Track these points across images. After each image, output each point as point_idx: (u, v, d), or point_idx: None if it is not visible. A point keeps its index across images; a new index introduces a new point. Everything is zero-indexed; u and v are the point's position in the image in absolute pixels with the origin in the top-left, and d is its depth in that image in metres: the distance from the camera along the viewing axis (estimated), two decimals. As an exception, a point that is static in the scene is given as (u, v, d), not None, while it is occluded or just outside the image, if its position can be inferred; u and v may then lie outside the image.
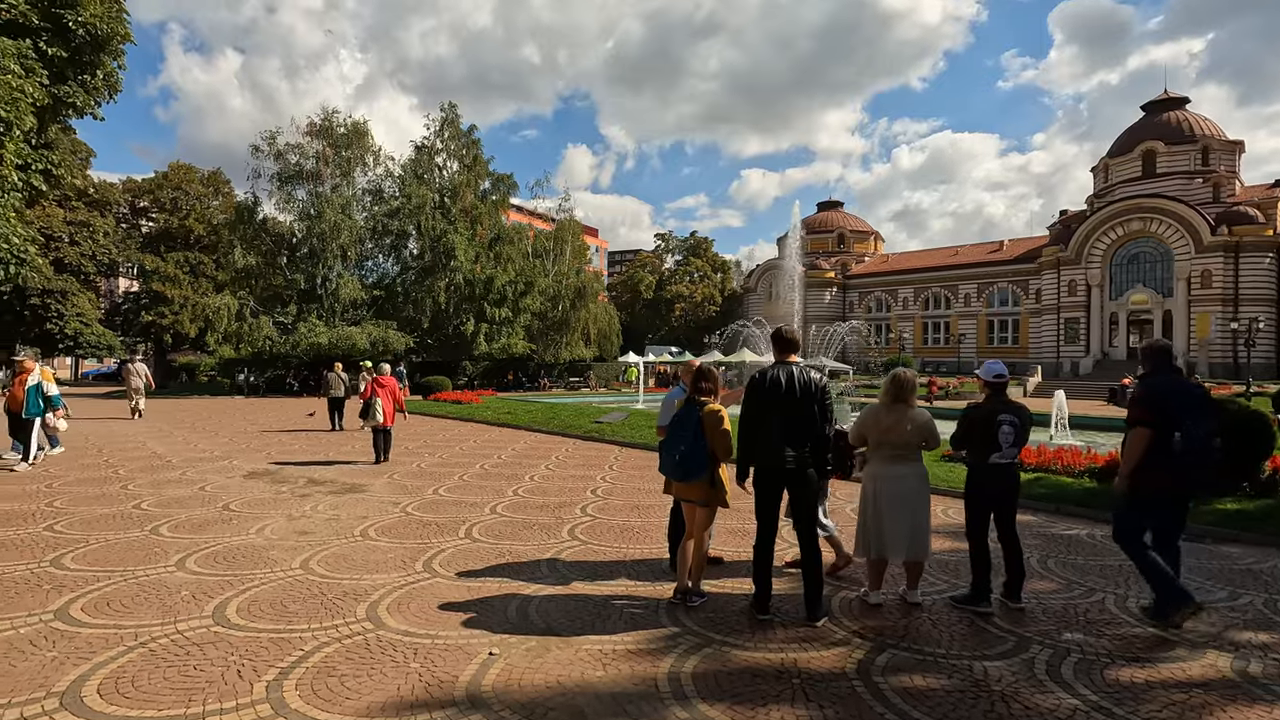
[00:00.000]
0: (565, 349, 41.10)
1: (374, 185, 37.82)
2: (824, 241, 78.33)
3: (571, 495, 8.87)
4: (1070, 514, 8.00)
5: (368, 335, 32.82)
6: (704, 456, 4.87)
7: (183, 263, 52.14)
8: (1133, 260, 52.50)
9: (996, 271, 63.11)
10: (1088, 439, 16.46)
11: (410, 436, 15.70)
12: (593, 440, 14.87)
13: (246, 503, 8.24)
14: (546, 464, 11.62)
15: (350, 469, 11.00)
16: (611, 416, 16.92)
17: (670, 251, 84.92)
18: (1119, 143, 56.71)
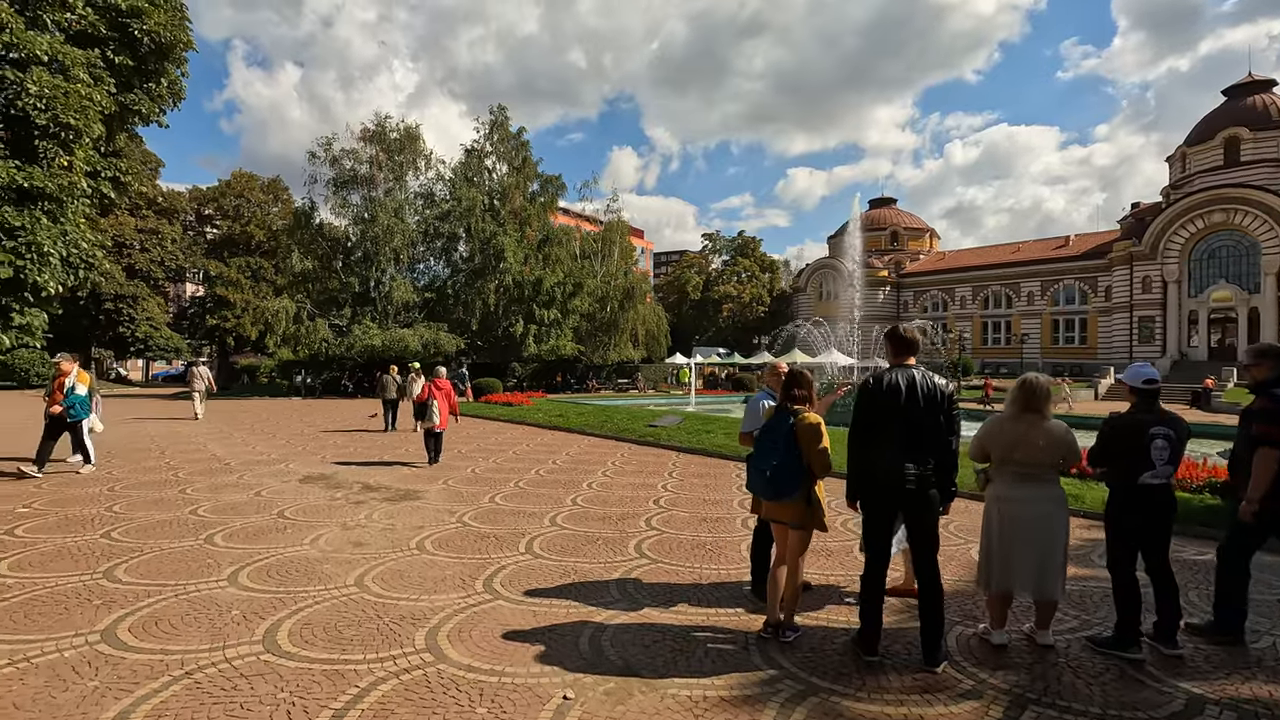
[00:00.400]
0: (613, 350, 40.79)
1: (425, 189, 38.27)
2: (877, 239, 76.21)
3: (633, 505, 8.38)
4: (1196, 535, 7.10)
5: (419, 337, 33.10)
6: (799, 472, 4.30)
7: (244, 267, 53.90)
8: (1214, 254, 49.31)
9: (1062, 268, 60.21)
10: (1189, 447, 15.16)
11: (463, 439, 15.49)
12: (648, 445, 14.37)
13: (301, 509, 8.01)
14: (603, 470, 11.17)
15: (405, 473, 10.76)
16: (666, 420, 16.40)
17: (717, 252, 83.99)
18: (1198, 130, 53.37)
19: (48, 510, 7.84)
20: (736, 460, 12.24)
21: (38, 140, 13.27)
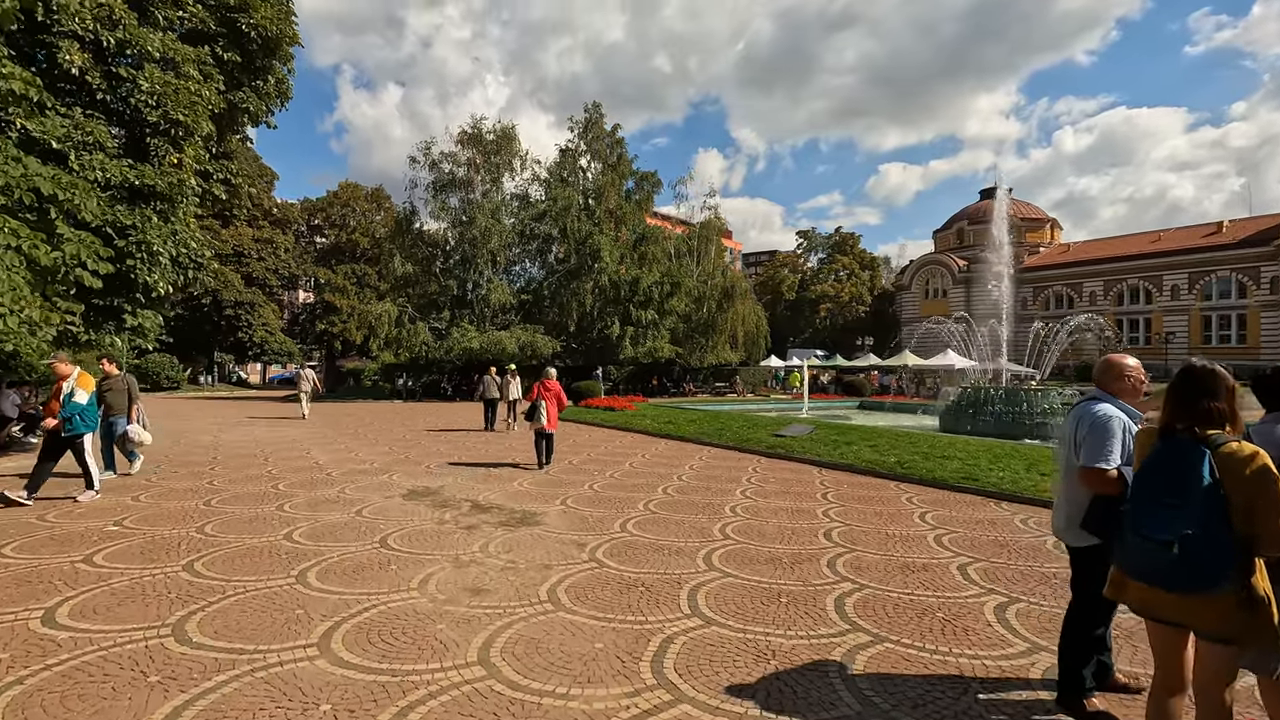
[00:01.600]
0: (710, 353, 39.05)
1: (521, 190, 37.94)
2: (988, 232, 70.57)
3: (801, 541, 6.68)
4: None
5: (516, 339, 32.59)
6: (1226, 548, 2.50)
7: (350, 274, 55.87)
8: None
9: (1215, 258, 53.40)
10: None
11: (570, 448, 14.23)
12: (780, 458, 12.60)
13: (407, 536, 6.81)
14: (740, 490, 9.51)
15: (517, 488, 9.50)
16: (794, 430, 14.54)
17: (813, 249, 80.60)
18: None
19: (138, 529, 7.01)
20: (894, 479, 10.29)
21: (149, 138, 12.99)
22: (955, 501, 8.79)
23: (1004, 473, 9.76)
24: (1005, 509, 8.36)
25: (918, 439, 12.89)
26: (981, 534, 7.05)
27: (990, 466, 10.20)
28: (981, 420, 17.05)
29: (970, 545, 6.59)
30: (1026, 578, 5.58)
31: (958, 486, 9.52)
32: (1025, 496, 8.71)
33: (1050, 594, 5.18)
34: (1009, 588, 5.32)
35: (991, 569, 5.81)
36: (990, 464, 10.36)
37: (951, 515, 7.95)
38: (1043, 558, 6.17)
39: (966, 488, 9.42)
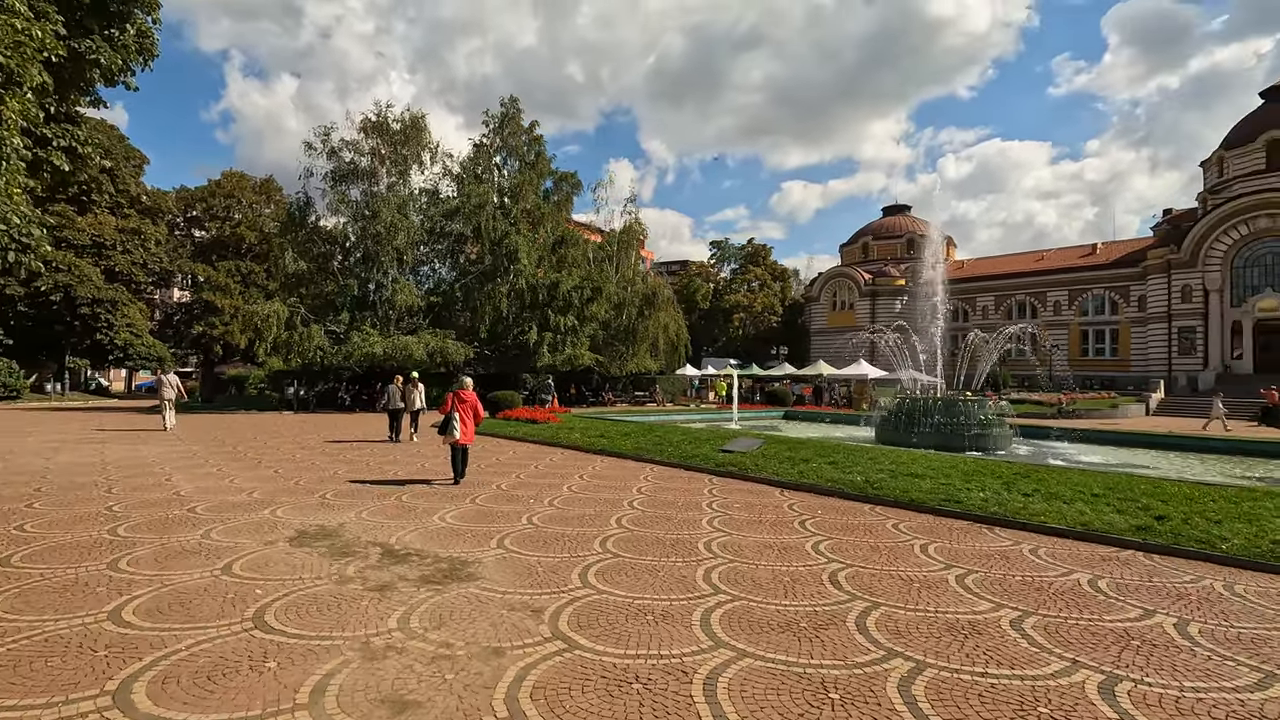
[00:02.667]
0: (631, 360, 37.82)
1: (431, 185, 35.37)
2: (892, 247, 73.84)
3: (807, 591, 5.42)
4: None
5: (425, 345, 30.10)
6: None
7: (234, 272, 50.77)
8: (1258, 262, 46.95)
9: (1091, 277, 57.78)
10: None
11: (496, 469, 12.48)
12: (733, 477, 11.41)
13: (294, 606, 5.00)
14: (706, 519, 8.20)
15: (438, 524, 7.74)
16: (741, 444, 13.44)
17: (726, 260, 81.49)
18: (1238, 132, 51.19)
19: (-122, 609, 4.82)
20: (867, 501, 9.30)
21: (-48, 81, 10.26)
22: (947, 529, 7.84)
23: (984, 493, 8.97)
24: (1004, 536, 7.48)
25: (876, 454, 12.08)
26: (1002, 572, 6.05)
27: (965, 485, 9.41)
28: (921, 432, 16.66)
29: (1003, 590, 5.55)
30: (1098, 638, 4.54)
31: (941, 510, 8.61)
32: (1018, 521, 7.88)
33: (1146, 663, 4.13)
34: (1092, 655, 4.24)
35: (1050, 625, 4.74)
36: (964, 482, 9.58)
37: (955, 548, 6.96)
38: (1096, 606, 5.19)
39: (950, 511, 8.52)
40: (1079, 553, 6.82)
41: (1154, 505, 7.96)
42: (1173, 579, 5.94)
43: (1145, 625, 4.78)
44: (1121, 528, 7.31)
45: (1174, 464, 14.57)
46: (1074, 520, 7.66)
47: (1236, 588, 5.73)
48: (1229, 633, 4.68)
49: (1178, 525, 7.21)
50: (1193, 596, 5.45)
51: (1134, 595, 5.45)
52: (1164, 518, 7.47)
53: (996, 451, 16.22)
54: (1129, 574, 6.09)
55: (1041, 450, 17.14)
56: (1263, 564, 6.24)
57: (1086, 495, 8.55)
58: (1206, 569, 6.28)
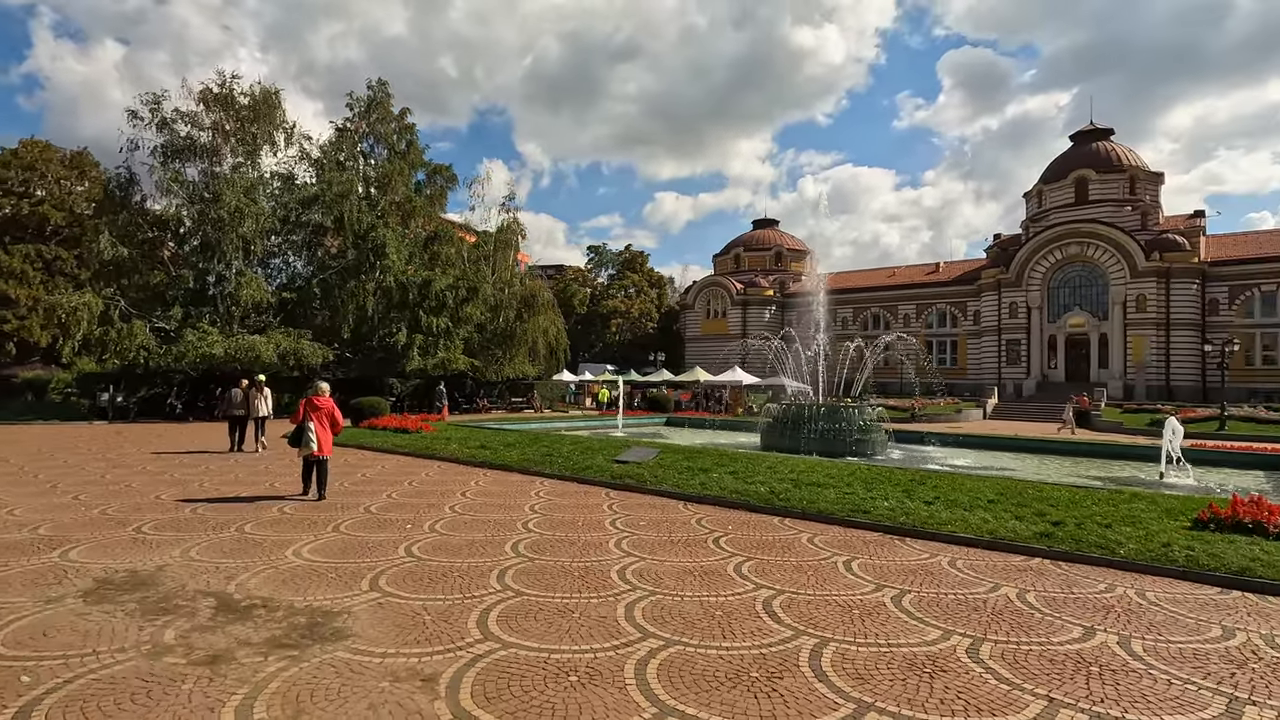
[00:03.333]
0: (509, 365, 36.29)
1: (285, 169, 31.93)
2: (761, 259, 76.99)
3: (746, 629, 4.78)
4: None
5: (275, 346, 26.96)
6: None
7: (33, 257, 43.38)
8: (1069, 283, 53.45)
9: (935, 293, 63.32)
10: (1214, 479, 13.87)
11: (362, 485, 10.95)
12: (632, 490, 10.69)
13: (79, 700, 3.61)
14: (613, 540, 7.40)
15: (292, 560, 6.36)
16: (635, 454, 12.77)
17: (603, 265, 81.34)
18: (1052, 169, 58.16)
19: None
20: (775, 514, 8.93)
21: None
22: (862, 542, 7.57)
23: (888, 502, 8.86)
24: (919, 548, 7.30)
25: (774, 463, 11.85)
26: (934, 591, 5.75)
27: (869, 494, 9.30)
28: (805, 438, 16.86)
29: (943, 612, 5.21)
30: (1058, 666, 4.24)
31: (851, 521, 8.38)
32: (927, 531, 7.78)
33: (1119, 695, 3.83)
34: (1063, 689, 3.89)
35: (1006, 654, 4.40)
36: (866, 491, 9.48)
37: (878, 564, 6.64)
38: (1038, 626, 4.95)
39: (860, 522, 8.31)
40: (994, 563, 6.73)
41: (1046, 510, 8.16)
42: (1090, 589, 5.91)
43: (1094, 647, 4.57)
44: (1025, 535, 7.36)
45: (1030, 465, 15.67)
46: (980, 529, 7.65)
47: (1149, 595, 5.77)
48: (1171, 649, 4.56)
49: (1074, 530, 7.36)
50: (1117, 609, 5.38)
51: (1066, 610, 5.30)
52: (1060, 523, 7.63)
53: (875, 456, 16.75)
54: (1049, 585, 6.01)
55: (913, 454, 17.95)
56: (1160, 568, 6.40)
57: (983, 502, 8.66)
58: (1113, 575, 6.36)
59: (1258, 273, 48.30)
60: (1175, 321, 49.04)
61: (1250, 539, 6.85)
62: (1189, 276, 49.22)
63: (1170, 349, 49.01)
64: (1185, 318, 49.02)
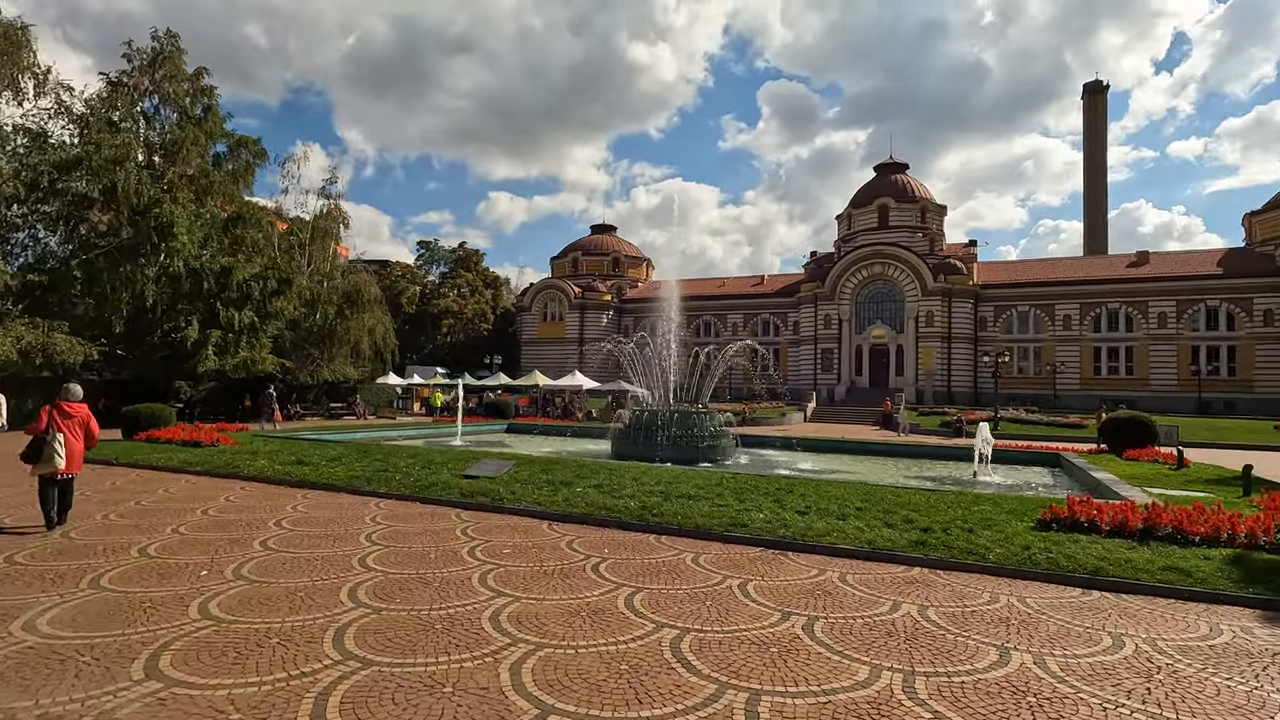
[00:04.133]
0: (327, 367, 32.64)
1: (35, 124, 25.98)
2: (599, 264, 77.36)
3: (663, 684, 4.01)
4: None
5: (15, 340, 21.73)
6: None
7: None
8: (873, 299, 59.44)
9: (761, 304, 67.44)
10: (1022, 476, 15.48)
11: (135, 516, 8.67)
12: (486, 509, 9.50)
13: None
14: (476, 576, 6.28)
15: (21, 638, 4.52)
16: (487, 467, 11.53)
17: (435, 262, 77.06)
18: (860, 195, 64.46)
19: None
20: (652, 531, 8.29)
21: None
22: (748, 560, 7.13)
23: (763, 513, 8.58)
24: (804, 563, 7.01)
25: (639, 473, 11.23)
26: (842, 616, 5.38)
27: (741, 505, 8.97)
28: (660, 444, 16.54)
29: (861, 642, 4.80)
30: (999, 701, 3.94)
31: (730, 537, 7.95)
32: (808, 544, 7.55)
33: None
34: (1017, 731, 3.56)
35: (944, 691, 4.04)
36: (739, 502, 9.16)
37: (773, 585, 6.20)
38: (957, 651, 4.70)
39: (740, 537, 7.90)
40: (881, 576, 6.57)
41: (912, 516, 8.30)
42: (978, 600, 5.88)
43: (1018, 672, 4.37)
44: (902, 544, 7.36)
45: (866, 467, 16.59)
46: (859, 539, 7.55)
47: (1030, 602, 5.85)
48: (1082, 665, 4.48)
49: (943, 537, 7.48)
50: (1013, 621, 5.34)
51: (972, 628, 5.15)
52: (929, 529, 7.75)
53: (725, 462, 16.85)
54: (942, 598, 5.91)
55: (759, 458, 18.37)
56: (1028, 572, 6.61)
57: (852, 509, 8.66)
58: (991, 583, 6.44)
59: (1015, 296, 56.97)
60: (955, 335, 56.37)
61: (1090, 538, 7.35)
62: (966, 297, 56.84)
63: (951, 359, 56.26)
64: (962, 332, 56.54)
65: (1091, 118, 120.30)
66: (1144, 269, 55.17)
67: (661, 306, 70.88)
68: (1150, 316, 52.48)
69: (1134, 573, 6.39)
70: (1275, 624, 5.42)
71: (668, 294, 72.96)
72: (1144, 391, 50.95)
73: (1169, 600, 5.97)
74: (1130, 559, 6.67)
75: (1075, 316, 54.61)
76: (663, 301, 71.40)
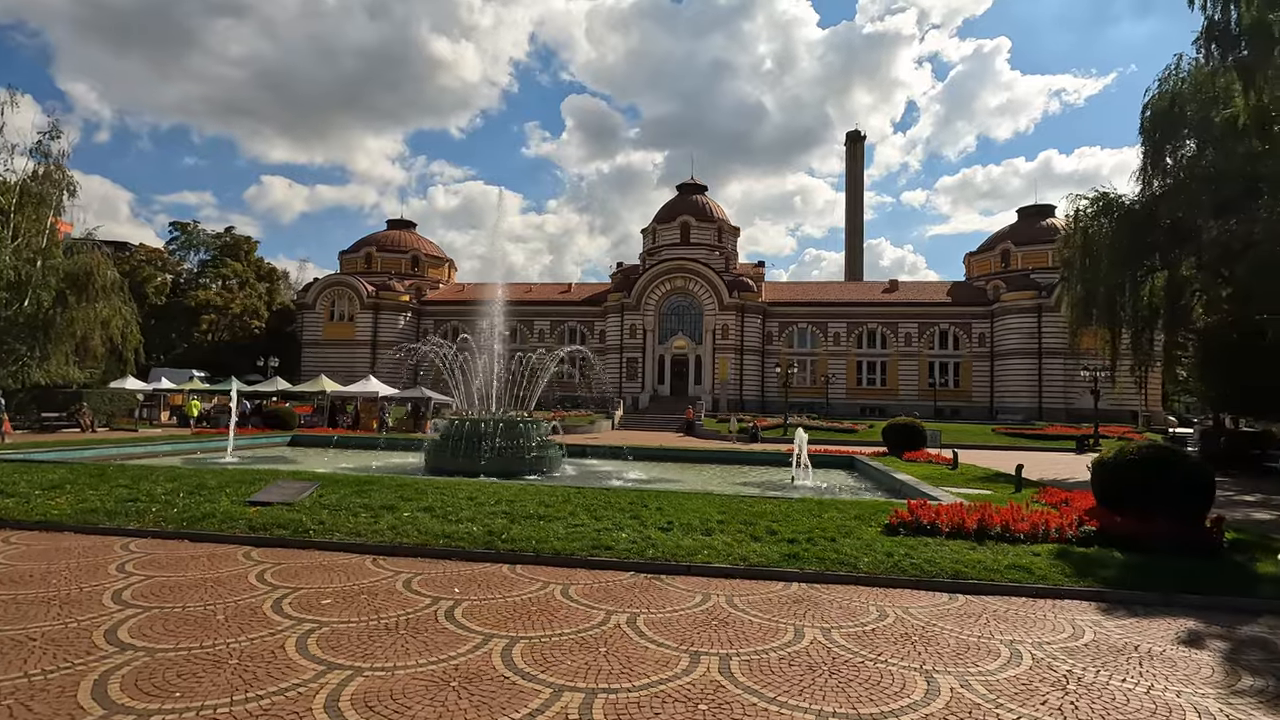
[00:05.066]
0: (39, 368, 25.99)
1: None
2: (397, 262, 72.02)
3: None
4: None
5: None
6: None
7: None
8: (675, 311, 62.20)
9: (568, 311, 67.30)
10: (828, 479, 16.47)
11: None
12: (286, 545, 7.62)
13: None
14: (294, 642, 4.75)
15: None
16: (281, 491, 9.42)
17: (194, 248, 66.17)
18: (664, 211, 67.33)
19: None
20: (505, 561, 7.20)
21: None
22: (623, 588, 6.36)
23: (624, 532, 7.88)
24: (685, 587, 6.41)
25: (474, 492, 9.90)
26: (756, 651, 4.82)
27: (597, 524, 8.19)
28: (481, 457, 15.15)
29: (789, 683, 4.27)
30: (956, 738, 3.59)
31: (596, 561, 7.12)
32: (682, 565, 6.99)
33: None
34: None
35: (899, 734, 3.61)
36: (594, 520, 8.36)
37: (665, 618, 5.49)
38: (884, 687, 4.34)
39: (607, 561, 7.11)
40: (766, 597, 6.18)
41: (774, 527, 8.13)
42: (870, 617, 5.69)
43: (957, 701, 4.10)
44: (775, 558, 7.10)
45: (692, 475, 16.68)
46: (732, 556, 7.15)
47: (914, 613, 5.80)
48: (1004, 684, 4.36)
49: (810, 548, 7.35)
50: (915, 638, 5.18)
51: (883, 651, 4.88)
52: (794, 540, 7.60)
53: (554, 474, 15.97)
54: (836, 617, 5.64)
55: (585, 469, 17.72)
56: (898, 579, 6.64)
57: (714, 523, 8.29)
58: (870, 595, 6.35)
59: (796, 314, 63.06)
60: (747, 348, 60.89)
61: (936, 540, 7.68)
62: (755, 313, 61.72)
63: (743, 370, 60.68)
64: (753, 345, 61.29)
65: (853, 162, 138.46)
66: (895, 295, 64.15)
67: (466, 310, 68.12)
68: (899, 336, 61.03)
69: (987, 574, 6.69)
70: (1114, 615, 5.90)
71: (474, 297, 70.36)
72: (894, 400, 59.00)
73: (1024, 599, 6.29)
74: (980, 560, 7.01)
75: (843, 334, 61.76)
76: (468, 305, 68.73)
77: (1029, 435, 39.75)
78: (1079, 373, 41.57)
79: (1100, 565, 6.98)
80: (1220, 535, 7.72)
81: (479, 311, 67.46)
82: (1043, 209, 64.84)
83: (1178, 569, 6.92)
